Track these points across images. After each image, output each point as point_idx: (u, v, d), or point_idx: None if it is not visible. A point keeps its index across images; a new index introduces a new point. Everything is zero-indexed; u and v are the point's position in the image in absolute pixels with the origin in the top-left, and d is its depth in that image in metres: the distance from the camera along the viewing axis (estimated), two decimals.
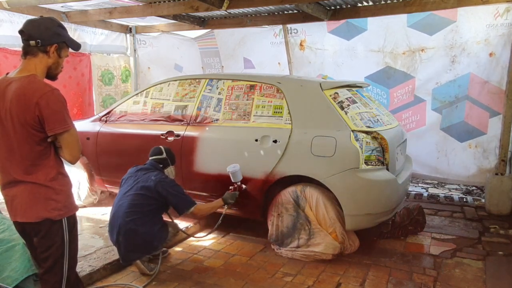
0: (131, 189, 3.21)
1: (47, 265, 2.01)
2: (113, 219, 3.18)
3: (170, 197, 3.17)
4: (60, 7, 5.40)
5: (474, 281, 3.10)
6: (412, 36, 5.23)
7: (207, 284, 3.07)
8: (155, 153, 3.46)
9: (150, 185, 3.16)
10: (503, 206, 4.59)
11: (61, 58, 2.02)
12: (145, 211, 3.13)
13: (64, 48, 2.01)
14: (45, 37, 1.93)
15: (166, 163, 3.44)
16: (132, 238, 3.08)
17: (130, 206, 3.12)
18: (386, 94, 5.60)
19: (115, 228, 3.12)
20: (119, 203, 3.20)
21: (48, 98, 1.86)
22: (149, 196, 3.15)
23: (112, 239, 3.20)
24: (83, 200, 4.67)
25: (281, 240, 3.57)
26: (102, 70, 6.72)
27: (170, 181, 3.28)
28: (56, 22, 2.00)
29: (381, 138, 3.34)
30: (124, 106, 4.47)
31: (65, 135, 1.93)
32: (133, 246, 3.09)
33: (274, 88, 3.67)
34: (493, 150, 5.01)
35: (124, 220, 3.08)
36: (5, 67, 5.20)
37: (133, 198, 3.16)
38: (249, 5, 4.77)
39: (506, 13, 4.64)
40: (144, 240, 3.11)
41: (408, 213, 4.02)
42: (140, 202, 3.14)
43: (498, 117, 4.92)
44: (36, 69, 1.94)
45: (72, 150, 1.97)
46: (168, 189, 3.17)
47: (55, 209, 1.98)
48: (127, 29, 7.05)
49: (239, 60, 6.58)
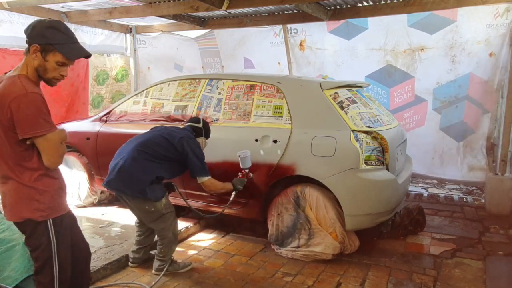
0: (153, 133, 3.18)
1: (38, 265, 2.01)
2: (126, 145, 3.15)
3: (191, 156, 3.09)
4: (60, 7, 5.41)
5: (474, 281, 3.10)
6: (412, 35, 5.24)
7: (207, 284, 3.07)
8: (193, 121, 3.43)
9: (176, 136, 3.12)
10: (503, 206, 4.59)
11: (48, 62, 1.88)
12: (157, 155, 3.04)
13: (52, 52, 1.87)
14: (30, 36, 1.87)
15: (200, 133, 3.37)
16: (132, 167, 2.98)
17: (146, 142, 3.07)
18: (386, 93, 5.60)
19: (122, 153, 3.09)
20: (138, 136, 3.17)
21: (20, 101, 1.79)
22: (170, 143, 3.08)
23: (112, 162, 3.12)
24: (83, 200, 4.67)
25: (281, 240, 3.57)
26: (98, 71, 6.71)
27: (197, 143, 3.23)
28: (49, 24, 1.88)
29: (381, 138, 3.35)
30: (124, 106, 4.47)
31: (39, 140, 1.85)
32: (125, 175, 2.99)
33: (274, 88, 3.67)
34: (480, 149, 5.03)
35: (134, 149, 3.02)
36: (3, 67, 5.20)
37: (153, 136, 3.12)
38: (249, 5, 4.77)
39: (506, 13, 4.65)
40: (138, 178, 2.98)
41: (408, 213, 4.03)
42: (158, 142, 3.07)
43: (487, 115, 4.93)
44: (27, 69, 1.89)
45: (49, 156, 1.89)
46: (193, 148, 3.12)
47: (38, 210, 1.93)
48: (127, 29, 7.05)
49: (239, 60, 6.58)
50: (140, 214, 3.19)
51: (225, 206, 3.56)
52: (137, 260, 3.34)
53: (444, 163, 5.33)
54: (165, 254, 3.16)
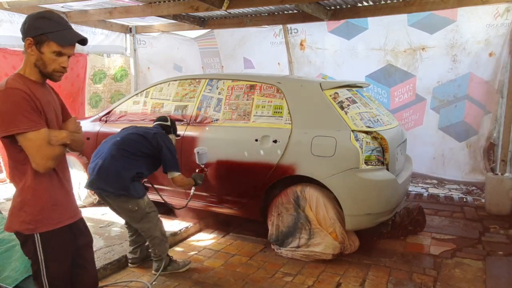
0: (127, 132, 3.25)
1: (32, 271, 1.88)
2: (102, 145, 3.20)
3: (165, 150, 3.18)
4: (60, 7, 5.41)
5: (474, 281, 3.10)
6: (413, 34, 5.24)
7: (207, 284, 3.07)
8: (161, 120, 3.52)
9: (150, 133, 3.22)
10: (503, 206, 4.59)
11: (44, 54, 1.75)
12: (135, 151, 3.11)
13: (46, 42, 1.73)
14: (23, 32, 1.76)
15: (169, 130, 3.47)
16: (112, 165, 3.01)
17: (123, 140, 3.13)
18: (386, 93, 5.60)
19: (99, 153, 3.12)
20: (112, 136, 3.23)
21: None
22: (146, 139, 3.16)
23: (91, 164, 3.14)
24: (83, 200, 4.67)
25: (281, 240, 3.57)
26: (95, 70, 6.71)
27: (169, 139, 3.33)
28: (38, 15, 1.78)
29: (381, 138, 3.34)
30: (124, 106, 4.47)
31: (20, 139, 1.70)
32: (107, 173, 3.00)
33: (274, 88, 3.67)
34: (480, 150, 5.03)
35: (112, 147, 3.07)
36: (4, 67, 5.21)
37: (128, 134, 3.19)
38: (249, 5, 4.78)
39: (506, 13, 4.65)
40: (119, 175, 3.01)
41: (408, 213, 4.03)
42: (135, 140, 3.15)
43: (488, 116, 4.93)
44: (24, 67, 1.79)
45: (33, 157, 1.72)
46: (167, 144, 3.22)
47: (24, 222, 1.78)
48: (127, 29, 7.05)
49: (239, 60, 6.58)
50: (124, 214, 3.16)
51: (188, 200, 3.66)
52: (136, 260, 3.34)
53: (446, 163, 5.32)
54: (160, 253, 3.17)
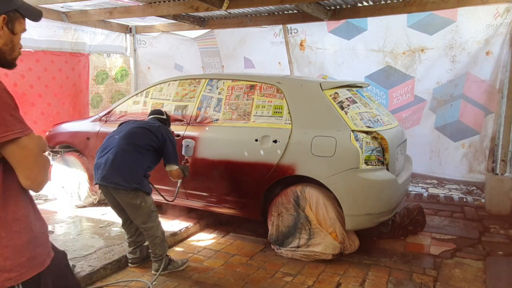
0: (132, 125, 3.25)
1: None
2: (108, 140, 3.19)
3: (168, 143, 3.21)
4: (60, 7, 5.41)
5: (474, 281, 3.10)
6: (412, 36, 5.25)
7: (207, 284, 3.07)
8: (156, 113, 3.54)
9: (154, 126, 3.23)
10: (503, 206, 4.59)
11: (16, 35, 1.39)
12: (144, 145, 3.10)
13: (18, 20, 1.38)
14: None
15: (165, 123, 3.50)
16: (125, 159, 3.01)
17: (130, 133, 3.13)
18: (385, 94, 5.61)
19: (108, 148, 3.10)
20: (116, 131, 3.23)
21: None
22: (152, 133, 3.17)
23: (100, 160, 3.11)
24: (83, 200, 4.67)
25: (281, 240, 3.57)
26: (98, 71, 6.70)
27: (171, 132, 3.37)
28: None
29: (381, 138, 3.34)
30: (124, 106, 4.47)
31: (9, 148, 1.26)
32: (120, 168, 2.99)
33: (274, 88, 3.67)
34: (484, 151, 5.02)
35: (121, 142, 3.07)
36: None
37: (134, 128, 3.19)
38: (249, 5, 4.78)
39: (506, 13, 4.65)
40: (133, 169, 3.03)
41: (408, 213, 4.02)
42: (142, 133, 3.15)
43: (490, 116, 4.93)
44: None
45: (28, 171, 1.29)
46: (170, 137, 3.26)
47: (3, 271, 1.28)
48: (127, 29, 7.05)
49: (239, 60, 6.58)
50: (130, 210, 3.10)
51: (175, 195, 3.66)
52: (135, 260, 3.34)
53: (442, 162, 5.34)
54: (161, 253, 3.17)
